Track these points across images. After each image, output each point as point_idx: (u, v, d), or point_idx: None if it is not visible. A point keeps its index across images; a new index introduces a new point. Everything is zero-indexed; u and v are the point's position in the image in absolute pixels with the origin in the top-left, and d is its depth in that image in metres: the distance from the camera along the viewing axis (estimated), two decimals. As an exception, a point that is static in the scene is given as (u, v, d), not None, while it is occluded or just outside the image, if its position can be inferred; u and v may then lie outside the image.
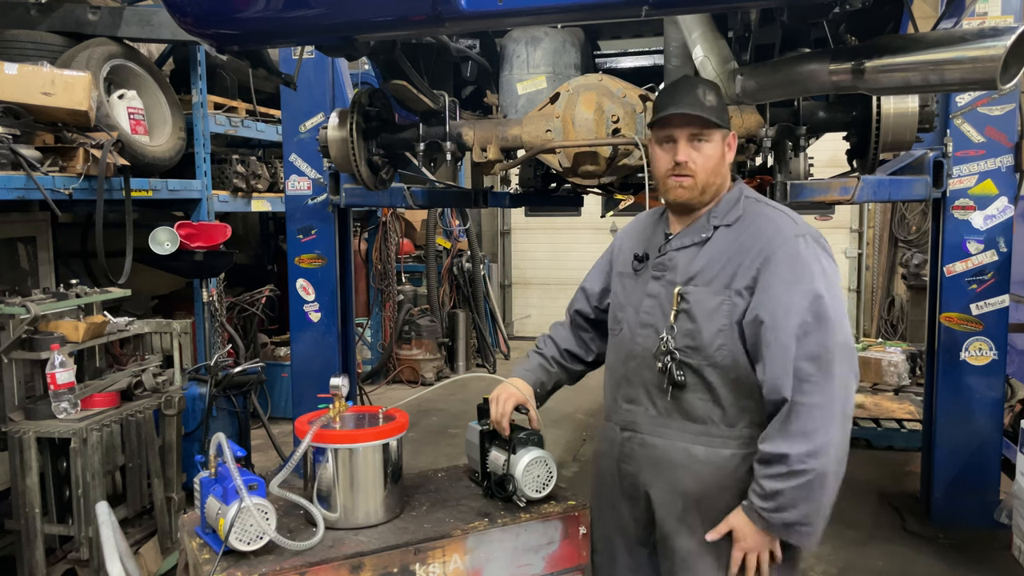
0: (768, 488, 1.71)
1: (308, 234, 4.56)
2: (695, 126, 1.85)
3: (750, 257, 1.80)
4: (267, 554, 1.78)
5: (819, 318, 1.72)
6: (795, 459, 1.67)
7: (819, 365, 1.70)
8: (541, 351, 2.25)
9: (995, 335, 3.95)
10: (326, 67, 4.41)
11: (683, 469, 1.87)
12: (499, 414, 2.07)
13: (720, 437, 1.85)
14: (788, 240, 1.79)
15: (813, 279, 1.74)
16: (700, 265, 1.87)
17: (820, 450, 1.68)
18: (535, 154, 3.26)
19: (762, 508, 1.73)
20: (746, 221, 1.88)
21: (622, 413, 2.00)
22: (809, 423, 1.68)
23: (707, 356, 1.82)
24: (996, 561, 3.63)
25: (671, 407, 1.88)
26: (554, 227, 10.04)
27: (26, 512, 3.07)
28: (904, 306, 8.86)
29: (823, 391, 1.69)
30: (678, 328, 1.85)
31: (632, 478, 1.97)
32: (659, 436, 1.91)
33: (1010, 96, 3.84)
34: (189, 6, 1.99)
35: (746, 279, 1.79)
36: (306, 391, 4.55)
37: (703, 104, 1.84)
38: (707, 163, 1.87)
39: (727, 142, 1.92)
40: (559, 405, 6.42)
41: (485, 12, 1.88)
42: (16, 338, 3.16)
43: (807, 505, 1.70)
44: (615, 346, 2.05)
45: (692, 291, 1.85)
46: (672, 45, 3.20)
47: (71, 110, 3.82)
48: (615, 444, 2.01)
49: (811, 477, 1.68)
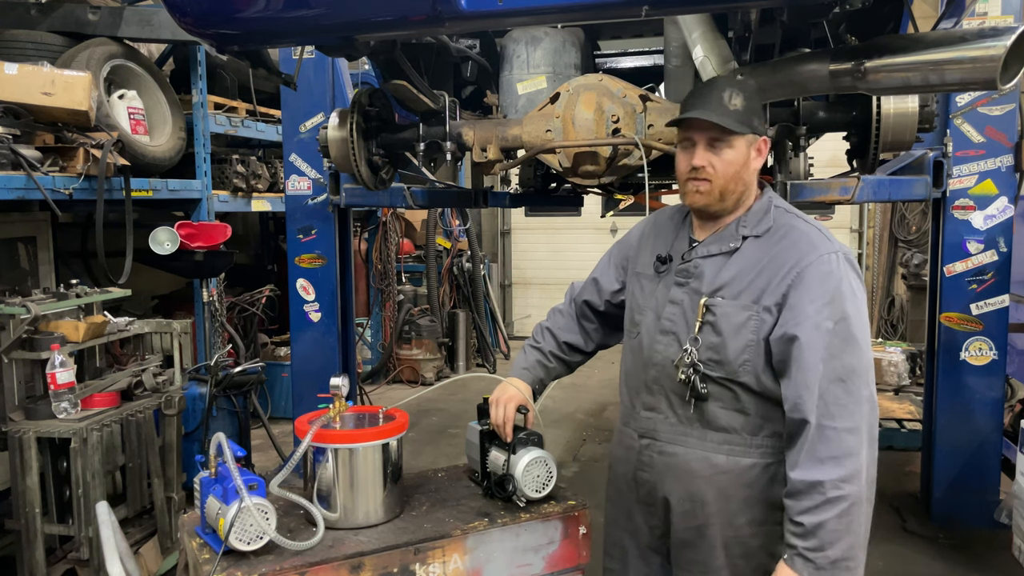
0: (809, 524, 1.62)
1: (308, 234, 4.56)
2: (715, 131, 1.79)
3: (782, 273, 1.75)
4: (267, 554, 1.78)
5: (847, 339, 1.68)
6: (830, 486, 1.61)
7: (847, 388, 1.66)
8: (539, 346, 2.21)
9: (995, 335, 3.95)
10: (326, 67, 4.41)
11: (703, 479, 1.83)
12: (502, 419, 2.05)
13: (742, 446, 1.80)
14: (821, 257, 1.74)
15: (844, 300, 1.70)
16: (728, 276, 1.81)
17: (854, 475, 1.62)
18: (535, 154, 3.25)
19: (806, 549, 1.63)
20: (777, 234, 1.82)
21: (641, 420, 1.95)
22: (839, 448, 1.63)
23: (731, 371, 1.77)
24: (996, 561, 3.64)
25: (693, 416, 1.84)
26: (554, 227, 10.05)
27: (26, 512, 3.07)
28: (904, 306, 8.86)
29: (852, 415, 1.65)
30: (703, 340, 1.80)
31: (649, 486, 1.93)
32: (680, 444, 1.87)
33: (1010, 96, 3.85)
34: (189, 6, 1.99)
35: (776, 295, 1.74)
36: (306, 391, 4.55)
37: (726, 108, 1.77)
38: (727, 169, 1.80)
39: (755, 147, 1.83)
40: (559, 405, 6.43)
41: (485, 12, 1.88)
42: (16, 338, 3.16)
43: (849, 536, 1.62)
44: (632, 350, 2.00)
45: (719, 303, 1.79)
46: (672, 45, 3.20)
47: (71, 110, 3.82)
48: (632, 451, 1.97)
49: (848, 504, 1.61)
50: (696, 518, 1.84)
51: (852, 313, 1.69)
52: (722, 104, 1.78)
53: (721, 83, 1.87)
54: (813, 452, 1.64)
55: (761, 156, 1.85)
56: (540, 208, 9.50)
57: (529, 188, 4.59)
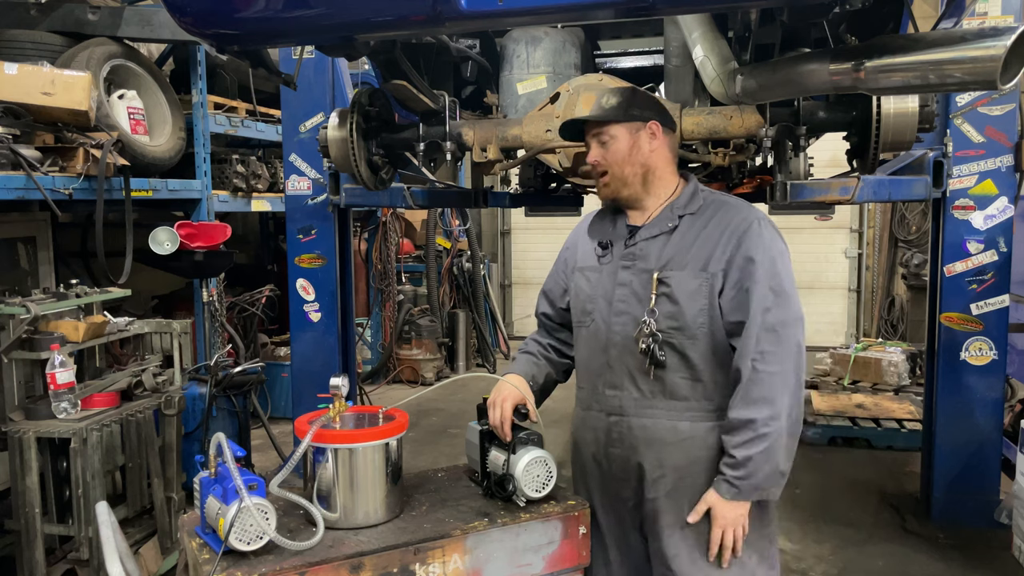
0: (740, 456, 1.86)
1: (308, 234, 4.56)
2: (595, 128, 2.03)
3: (724, 239, 1.94)
4: (267, 554, 1.78)
5: (779, 294, 1.89)
6: (760, 423, 1.84)
7: (778, 337, 1.87)
8: (527, 349, 2.32)
9: (995, 335, 3.95)
10: (326, 67, 4.41)
11: (671, 446, 1.98)
12: (499, 419, 2.07)
13: (700, 411, 1.98)
14: (752, 223, 1.95)
15: (774, 260, 1.91)
16: (673, 251, 1.99)
17: (779, 414, 1.85)
18: (535, 154, 3.26)
19: (734, 477, 1.88)
20: (709, 209, 2.02)
21: (607, 400, 2.06)
22: (769, 390, 1.85)
23: (690, 334, 1.94)
24: (996, 561, 3.64)
25: (655, 388, 1.99)
26: (554, 227, 10.02)
27: (26, 512, 3.08)
28: (904, 306, 8.86)
29: (782, 360, 1.86)
30: (660, 311, 1.95)
31: (622, 460, 2.05)
32: (647, 417, 2.00)
33: (1010, 96, 3.85)
34: (189, 6, 1.99)
35: (722, 261, 1.93)
36: (306, 391, 4.55)
37: (600, 107, 2.02)
38: (615, 156, 2.01)
39: (645, 131, 2.01)
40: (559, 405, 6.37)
41: (485, 12, 1.88)
42: (16, 338, 3.16)
43: (768, 466, 1.87)
44: (587, 338, 2.11)
45: (672, 275, 1.96)
46: (672, 45, 3.20)
47: (71, 110, 3.82)
48: (599, 431, 2.08)
49: (773, 440, 1.85)
50: (667, 483, 1.99)
51: (782, 270, 1.92)
52: (598, 106, 2.04)
53: (601, 92, 2.12)
54: (747, 394, 1.87)
55: (655, 138, 2.03)
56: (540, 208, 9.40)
57: (529, 188, 4.59)
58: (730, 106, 3.03)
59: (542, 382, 2.25)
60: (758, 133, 2.97)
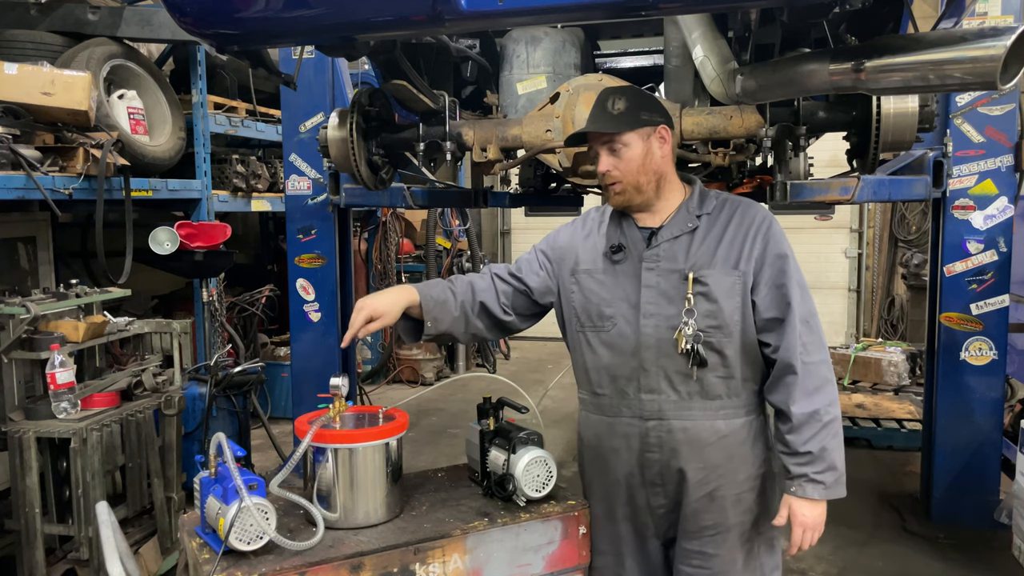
0: (816, 450, 1.87)
1: (308, 234, 4.56)
2: (605, 137, 1.98)
3: (751, 236, 1.97)
4: (267, 554, 1.78)
5: (802, 287, 1.95)
6: (823, 412, 1.88)
7: (811, 327, 1.93)
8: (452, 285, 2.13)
9: (995, 335, 3.95)
10: (326, 67, 4.41)
11: (711, 446, 1.98)
12: (354, 325, 1.97)
13: (733, 408, 1.99)
14: (771, 220, 2.00)
15: (793, 256, 1.97)
16: (702, 250, 1.98)
17: (834, 399, 1.92)
18: (535, 154, 3.26)
19: (816, 473, 1.88)
20: (725, 208, 2.03)
21: (642, 404, 2.00)
22: (819, 379, 1.90)
23: (727, 332, 1.95)
24: (996, 561, 3.64)
25: (693, 389, 1.97)
26: (554, 227, 9.99)
27: (26, 512, 3.07)
28: (904, 306, 8.86)
29: (820, 349, 1.93)
30: (698, 310, 1.94)
31: (660, 465, 2.00)
32: (687, 419, 1.98)
33: (1010, 96, 3.85)
34: (189, 6, 1.99)
35: (751, 259, 1.95)
36: (306, 391, 4.55)
37: (609, 115, 1.97)
38: (629, 166, 1.98)
39: (655, 136, 1.98)
40: (559, 405, 6.43)
41: (485, 12, 1.88)
42: (16, 338, 3.16)
43: (840, 450, 1.91)
44: (608, 343, 2.03)
45: (707, 274, 1.95)
46: (672, 45, 3.21)
47: (71, 110, 3.82)
48: (632, 437, 2.01)
49: (838, 424, 1.91)
50: (710, 483, 1.98)
51: (796, 265, 1.98)
52: (605, 112, 1.98)
53: (604, 94, 2.03)
54: (804, 387, 1.89)
55: (665, 142, 2.01)
56: (540, 208, 9.49)
57: (529, 188, 4.59)
58: (730, 106, 3.03)
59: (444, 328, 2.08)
60: (758, 133, 2.98)
